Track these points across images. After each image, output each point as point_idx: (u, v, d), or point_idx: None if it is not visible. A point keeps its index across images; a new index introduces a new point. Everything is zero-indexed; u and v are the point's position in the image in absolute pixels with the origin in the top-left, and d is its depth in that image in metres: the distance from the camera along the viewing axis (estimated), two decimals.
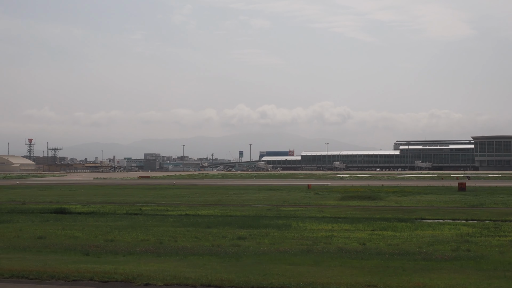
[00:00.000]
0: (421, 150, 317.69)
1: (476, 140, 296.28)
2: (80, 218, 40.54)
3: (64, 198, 64.63)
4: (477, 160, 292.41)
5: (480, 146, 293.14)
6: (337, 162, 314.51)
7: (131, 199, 62.04)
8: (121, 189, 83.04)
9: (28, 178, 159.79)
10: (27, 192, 77.52)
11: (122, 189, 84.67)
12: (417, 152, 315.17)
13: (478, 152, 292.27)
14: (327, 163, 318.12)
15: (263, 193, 70.99)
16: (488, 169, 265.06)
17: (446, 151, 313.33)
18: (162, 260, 21.10)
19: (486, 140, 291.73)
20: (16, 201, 60.06)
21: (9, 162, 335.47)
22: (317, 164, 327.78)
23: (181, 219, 39.20)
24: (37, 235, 30.11)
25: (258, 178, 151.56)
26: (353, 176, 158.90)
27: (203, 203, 55.61)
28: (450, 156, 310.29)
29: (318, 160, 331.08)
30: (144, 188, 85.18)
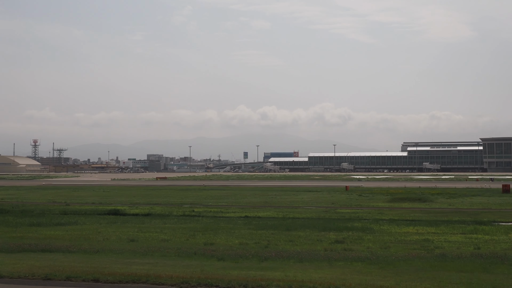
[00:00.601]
0: (428, 151, 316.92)
1: (485, 142, 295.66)
2: (144, 220, 39.44)
3: (104, 199, 63.64)
4: (485, 161, 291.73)
5: (489, 147, 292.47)
6: (345, 163, 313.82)
7: (174, 200, 61.06)
8: (154, 190, 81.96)
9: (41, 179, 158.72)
10: (61, 193, 76.47)
11: (154, 190, 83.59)
12: (424, 154, 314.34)
13: (486, 153, 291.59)
14: (334, 165, 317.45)
15: (304, 194, 70.02)
16: (497, 171, 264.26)
17: (454, 153, 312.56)
18: (316, 266, 19.93)
19: (494, 142, 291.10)
20: (57, 202, 59.06)
21: (15, 162, 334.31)
22: (324, 165, 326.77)
23: (249, 222, 38.20)
24: (124, 238, 29.15)
25: (273, 179, 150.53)
26: (369, 178, 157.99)
27: (251, 204, 54.61)
28: (458, 157, 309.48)
29: (325, 162, 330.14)
30: (177, 189, 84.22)
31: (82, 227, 35.11)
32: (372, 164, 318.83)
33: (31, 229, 34.26)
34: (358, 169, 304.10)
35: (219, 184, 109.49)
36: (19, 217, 42.17)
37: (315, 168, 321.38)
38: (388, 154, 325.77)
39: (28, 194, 74.08)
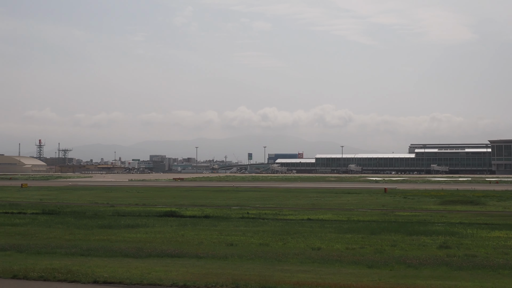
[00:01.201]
0: (436, 153, 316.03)
1: (493, 144, 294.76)
2: (209, 223, 38.40)
3: (144, 200, 62.59)
4: (494, 164, 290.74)
5: (497, 150, 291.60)
6: (352, 165, 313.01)
7: (217, 202, 60.04)
8: (188, 191, 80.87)
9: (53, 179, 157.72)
10: (95, 193, 75.26)
11: (188, 191, 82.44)
12: (432, 156, 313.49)
13: (495, 156, 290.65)
14: (341, 166, 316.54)
15: (347, 196, 69.01)
16: (505, 173, 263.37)
17: (462, 155, 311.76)
18: (470, 276, 18.98)
19: (503, 144, 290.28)
20: (99, 203, 58.10)
21: (20, 162, 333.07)
22: (332, 167, 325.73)
23: (322, 224, 37.23)
24: (220, 242, 28.15)
25: (290, 181, 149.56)
26: (386, 180, 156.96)
27: (299, 206, 53.64)
28: (466, 159, 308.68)
29: (332, 163, 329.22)
30: (211, 191, 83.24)
31: (158, 230, 34.11)
32: (379, 166, 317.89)
33: (107, 231, 33.31)
34: (365, 171, 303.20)
35: (249, 185, 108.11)
36: (78, 218, 41.21)
37: (322, 170, 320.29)
38: (395, 156, 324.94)
39: (63, 195, 72.95)
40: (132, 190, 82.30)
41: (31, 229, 34.23)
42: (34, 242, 27.78)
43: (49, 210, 47.91)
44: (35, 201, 60.17)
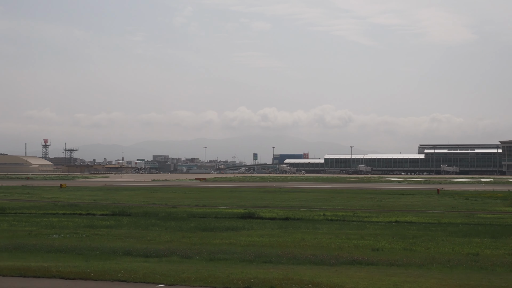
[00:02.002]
0: (446, 154, 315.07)
1: (504, 145, 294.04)
2: (308, 225, 37.01)
3: (200, 201, 61.07)
4: (504, 164, 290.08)
5: (508, 150, 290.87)
6: (362, 165, 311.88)
7: (277, 203, 58.48)
8: (234, 192, 79.40)
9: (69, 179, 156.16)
10: (143, 194, 73.65)
11: (234, 191, 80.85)
12: (442, 156, 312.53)
13: (505, 156, 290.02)
14: (351, 166, 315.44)
15: (407, 198, 67.70)
16: None
17: (472, 155, 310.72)
18: None
19: None
20: (157, 204, 56.70)
21: (27, 162, 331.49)
22: (340, 167, 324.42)
23: (426, 227, 35.99)
24: (366, 246, 26.77)
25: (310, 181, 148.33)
26: (408, 180, 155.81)
27: (366, 208, 52.21)
28: (476, 160, 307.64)
29: (342, 163, 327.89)
30: (258, 191, 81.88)
31: (264, 233, 32.72)
32: (389, 166, 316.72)
33: (217, 234, 31.88)
34: (375, 171, 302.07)
35: (287, 186, 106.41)
36: (163, 220, 39.91)
37: (331, 170, 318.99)
38: (404, 157, 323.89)
39: (111, 195, 71.28)
40: (178, 191, 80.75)
41: (136, 232, 32.83)
42: (168, 246, 26.23)
43: (119, 212, 46.60)
44: (91, 202, 58.71)
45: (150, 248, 25.13)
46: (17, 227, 35.71)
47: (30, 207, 51.08)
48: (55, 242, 27.26)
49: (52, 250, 24.16)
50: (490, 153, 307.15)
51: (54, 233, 32.94)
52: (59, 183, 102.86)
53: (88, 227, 35.73)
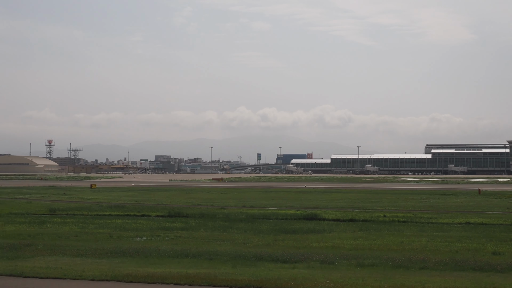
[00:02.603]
0: (453, 154, 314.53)
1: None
2: (389, 227, 35.93)
3: (241, 201, 59.81)
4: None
5: None
6: (369, 165, 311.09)
7: (324, 203, 57.29)
8: (269, 193, 78.00)
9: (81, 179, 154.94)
10: (181, 194, 72.25)
11: (269, 192, 79.36)
12: (449, 156, 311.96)
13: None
14: (358, 166, 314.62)
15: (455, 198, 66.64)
16: None
17: (479, 155, 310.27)
18: None
19: None
20: (203, 205, 55.46)
21: (33, 163, 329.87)
22: (347, 167, 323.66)
23: (508, 229, 34.99)
24: (481, 250, 25.78)
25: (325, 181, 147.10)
26: (425, 180, 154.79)
27: (418, 209, 51.13)
28: (484, 160, 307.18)
29: (348, 163, 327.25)
30: (294, 192, 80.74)
31: (350, 235, 31.67)
32: (396, 166, 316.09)
33: (300, 237, 30.83)
34: (382, 171, 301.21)
35: (322, 186, 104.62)
36: (230, 221, 38.83)
37: (337, 170, 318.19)
38: (412, 156, 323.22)
39: (148, 196, 69.88)
40: (212, 192, 79.34)
41: (219, 235, 31.71)
42: (274, 250, 25.12)
43: (175, 213, 45.45)
44: (134, 203, 57.35)
45: (268, 252, 23.96)
46: (90, 229, 34.62)
47: (80, 208, 49.95)
48: (159, 246, 26.11)
49: (167, 255, 23.00)
50: (497, 153, 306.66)
51: (134, 235, 31.84)
52: (89, 183, 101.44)
53: (162, 229, 34.61)
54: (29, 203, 55.85)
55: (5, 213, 46.52)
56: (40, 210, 48.82)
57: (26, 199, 62.24)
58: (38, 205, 54.16)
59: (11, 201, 57.95)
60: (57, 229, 34.59)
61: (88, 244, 26.70)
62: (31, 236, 30.86)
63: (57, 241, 28.37)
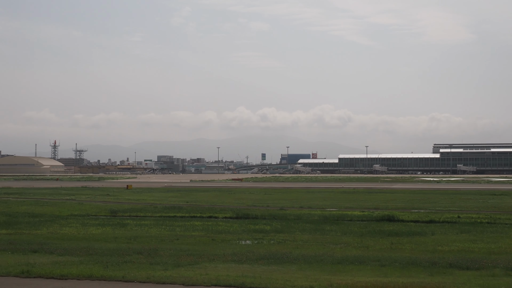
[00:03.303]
0: (462, 153, 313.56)
1: None
2: (492, 229, 34.61)
3: (293, 202, 58.37)
4: None
5: None
6: (377, 165, 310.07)
7: (382, 204, 55.89)
8: (312, 193, 76.69)
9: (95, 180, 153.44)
10: (222, 195, 70.68)
11: (311, 193, 77.84)
12: (458, 156, 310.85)
13: None
14: (366, 166, 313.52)
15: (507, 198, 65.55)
16: None
17: (488, 155, 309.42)
18: None
19: None
20: (259, 206, 54.09)
21: (38, 163, 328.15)
22: (355, 167, 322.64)
23: None
24: None
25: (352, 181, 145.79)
26: (444, 180, 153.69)
27: (483, 209, 49.98)
28: (493, 159, 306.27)
29: (356, 163, 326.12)
30: (335, 192, 79.44)
31: (456, 238, 30.48)
32: (404, 166, 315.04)
33: (410, 240, 29.62)
34: (391, 171, 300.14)
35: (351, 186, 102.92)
36: (312, 223, 37.59)
37: (345, 170, 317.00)
38: (420, 156, 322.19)
39: (192, 197, 68.38)
40: (255, 192, 77.48)
41: (322, 238, 30.48)
42: (399, 255, 23.98)
43: (242, 214, 44.30)
44: (184, 204, 55.68)
45: (425, 258, 22.66)
46: (180, 231, 33.40)
47: (137, 210, 48.62)
48: (286, 250, 24.74)
49: (327, 261, 21.60)
50: (506, 152, 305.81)
51: (234, 238, 30.54)
52: (125, 184, 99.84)
53: (256, 232, 33.33)
54: (81, 205, 54.46)
55: (65, 215, 45.33)
56: (99, 212, 47.59)
57: (74, 200, 60.77)
58: (92, 206, 52.80)
59: (62, 203, 56.48)
60: (148, 232, 33.32)
61: (213, 249, 25.26)
62: (132, 239, 29.57)
63: (171, 245, 27.00)
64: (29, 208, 49.18)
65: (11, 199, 61.58)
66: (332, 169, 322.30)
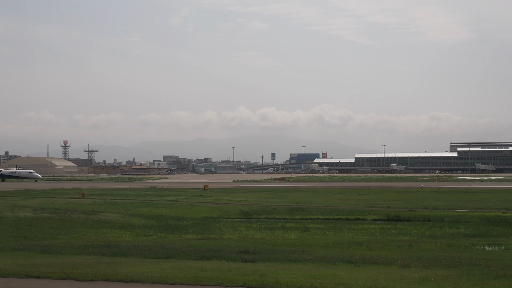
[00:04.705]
0: (480, 152, 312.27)
1: None
2: None
3: (406, 203, 56.00)
4: None
5: None
6: (394, 164, 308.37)
7: (472, 205, 52.95)
8: (401, 193, 74.14)
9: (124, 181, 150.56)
10: (315, 195, 68.15)
11: (401, 192, 75.09)
12: (476, 154, 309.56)
13: None
14: (383, 165, 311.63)
15: None
16: None
17: (507, 153, 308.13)
18: None
19: None
20: (377, 206, 51.59)
21: (52, 164, 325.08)
22: (372, 166, 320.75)
23: None
24: None
25: (393, 181, 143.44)
26: (485, 179, 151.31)
27: None
28: (511, 158, 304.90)
29: (373, 162, 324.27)
30: (416, 192, 76.94)
31: None
32: (421, 165, 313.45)
33: None
34: (409, 170, 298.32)
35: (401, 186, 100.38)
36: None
37: (361, 169, 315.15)
38: (438, 155, 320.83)
39: (282, 198, 65.72)
40: (344, 192, 75.00)
41: None
42: None
43: (394, 216, 41.98)
44: (297, 205, 53.29)
45: None
46: (351, 237, 30.93)
47: (268, 212, 46.09)
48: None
49: None
50: None
51: (468, 244, 27.79)
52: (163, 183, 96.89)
53: (454, 236, 30.70)
54: (192, 206, 51.70)
55: (199, 217, 42.88)
56: (231, 214, 45.08)
57: (177, 201, 57.75)
58: (211, 208, 49.83)
59: (171, 204, 53.64)
60: (344, 237, 30.69)
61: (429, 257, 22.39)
62: (307, 245, 26.94)
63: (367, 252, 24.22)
64: (153, 211, 46.47)
65: (121, 201, 57.32)
66: (348, 169, 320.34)
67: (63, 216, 38.37)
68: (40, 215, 38.77)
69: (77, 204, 49.80)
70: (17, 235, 29.02)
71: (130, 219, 39.15)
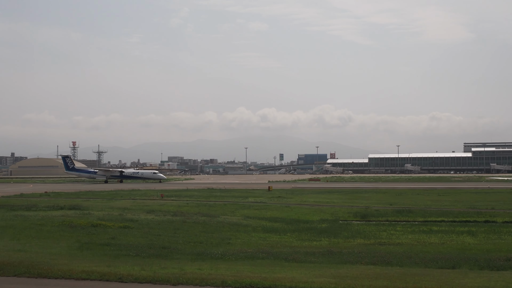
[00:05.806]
0: (495, 152, 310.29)
1: None
2: None
3: (499, 204, 53.82)
4: None
5: None
6: (408, 164, 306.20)
7: None
8: (479, 194, 71.78)
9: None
10: (389, 197, 65.98)
11: (479, 194, 72.91)
12: (491, 154, 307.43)
13: None
14: (397, 166, 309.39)
15: None
16: None
17: None
18: None
19: None
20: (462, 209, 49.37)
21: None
22: (385, 166, 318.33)
23: None
24: None
25: (426, 181, 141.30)
26: None
27: None
28: None
29: (387, 163, 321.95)
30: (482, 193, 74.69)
31: None
32: (435, 165, 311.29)
33: None
34: (424, 171, 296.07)
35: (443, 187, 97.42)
36: None
37: (375, 170, 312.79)
38: (452, 155, 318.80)
39: (360, 199, 63.41)
40: (423, 193, 72.51)
41: None
42: None
43: None
44: (364, 206, 51.01)
45: None
46: None
47: (370, 214, 43.87)
48: None
49: None
50: None
51: None
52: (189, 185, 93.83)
53: None
54: (290, 208, 49.32)
55: (316, 219, 40.63)
56: (344, 216, 42.78)
57: (265, 203, 55.22)
58: (312, 210, 47.47)
59: (265, 206, 51.00)
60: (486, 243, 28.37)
61: None
62: None
63: None
64: (263, 213, 44.02)
65: (213, 203, 53.59)
66: (361, 169, 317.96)
67: (197, 219, 35.99)
68: (172, 218, 36.29)
69: (181, 207, 46.90)
70: (189, 240, 26.59)
71: (260, 222, 36.80)
